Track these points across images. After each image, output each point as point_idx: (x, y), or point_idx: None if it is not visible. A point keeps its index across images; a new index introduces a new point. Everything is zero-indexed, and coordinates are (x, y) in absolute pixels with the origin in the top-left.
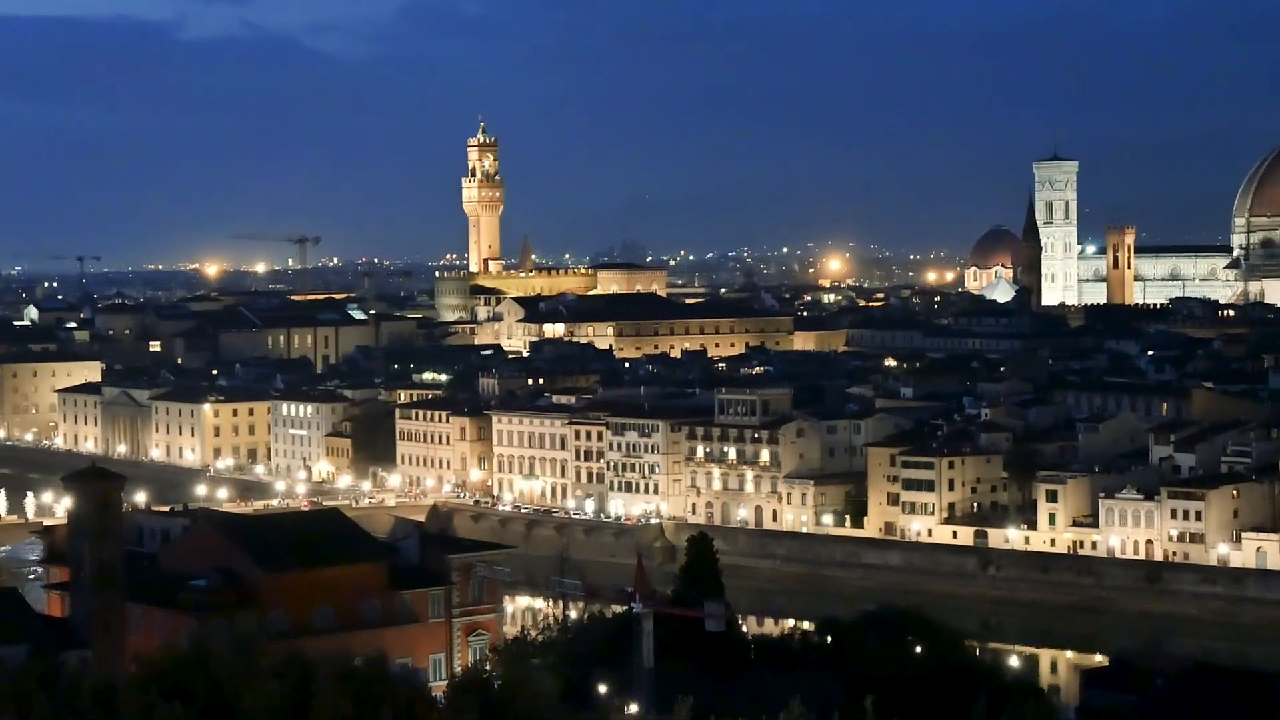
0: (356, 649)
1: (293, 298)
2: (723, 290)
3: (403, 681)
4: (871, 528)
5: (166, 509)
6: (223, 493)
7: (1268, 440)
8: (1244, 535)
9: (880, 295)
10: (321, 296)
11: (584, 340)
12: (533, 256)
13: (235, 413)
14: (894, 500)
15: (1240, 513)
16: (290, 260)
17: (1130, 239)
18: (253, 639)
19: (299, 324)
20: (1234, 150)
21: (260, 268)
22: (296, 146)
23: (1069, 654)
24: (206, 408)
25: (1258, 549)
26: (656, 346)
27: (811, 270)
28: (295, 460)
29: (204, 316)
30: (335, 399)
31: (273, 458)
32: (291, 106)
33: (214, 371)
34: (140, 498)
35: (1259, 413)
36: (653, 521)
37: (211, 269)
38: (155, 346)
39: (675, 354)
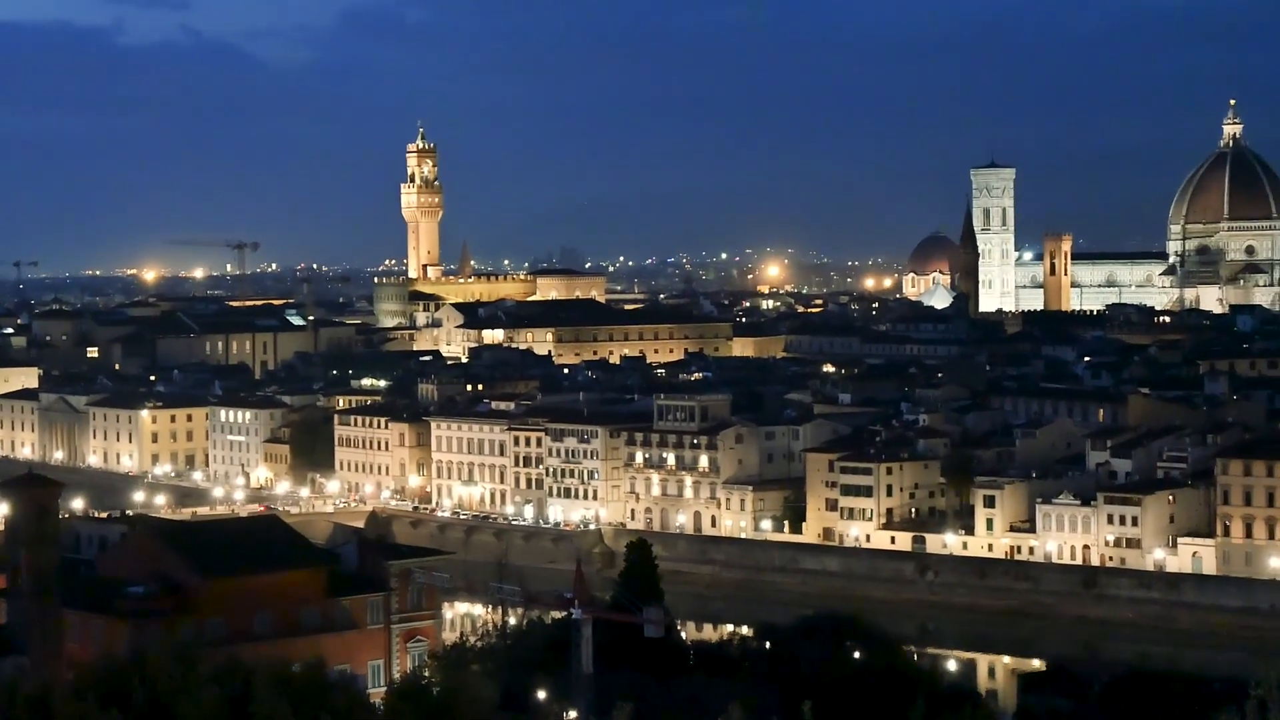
0: (295, 655)
1: (231, 303)
2: (662, 296)
3: (341, 688)
4: (810, 533)
5: (104, 515)
6: (160, 499)
7: (1203, 446)
8: (1180, 540)
9: (819, 301)
10: (260, 302)
11: (523, 346)
12: (472, 262)
13: (173, 419)
14: (832, 506)
15: (1176, 518)
16: (229, 266)
17: (1067, 246)
18: (191, 646)
19: (237, 330)
20: (1170, 158)
21: (198, 273)
22: (235, 152)
23: (1006, 659)
24: (144, 414)
25: (1193, 554)
26: (595, 352)
27: (750, 276)
28: (233, 466)
29: (142, 322)
30: (274, 405)
31: (211, 464)
32: (230, 112)
33: (152, 377)
34: (78, 504)
35: (1195, 418)
36: (591, 527)
37: (149, 275)
38: (93, 352)
39: (614, 360)
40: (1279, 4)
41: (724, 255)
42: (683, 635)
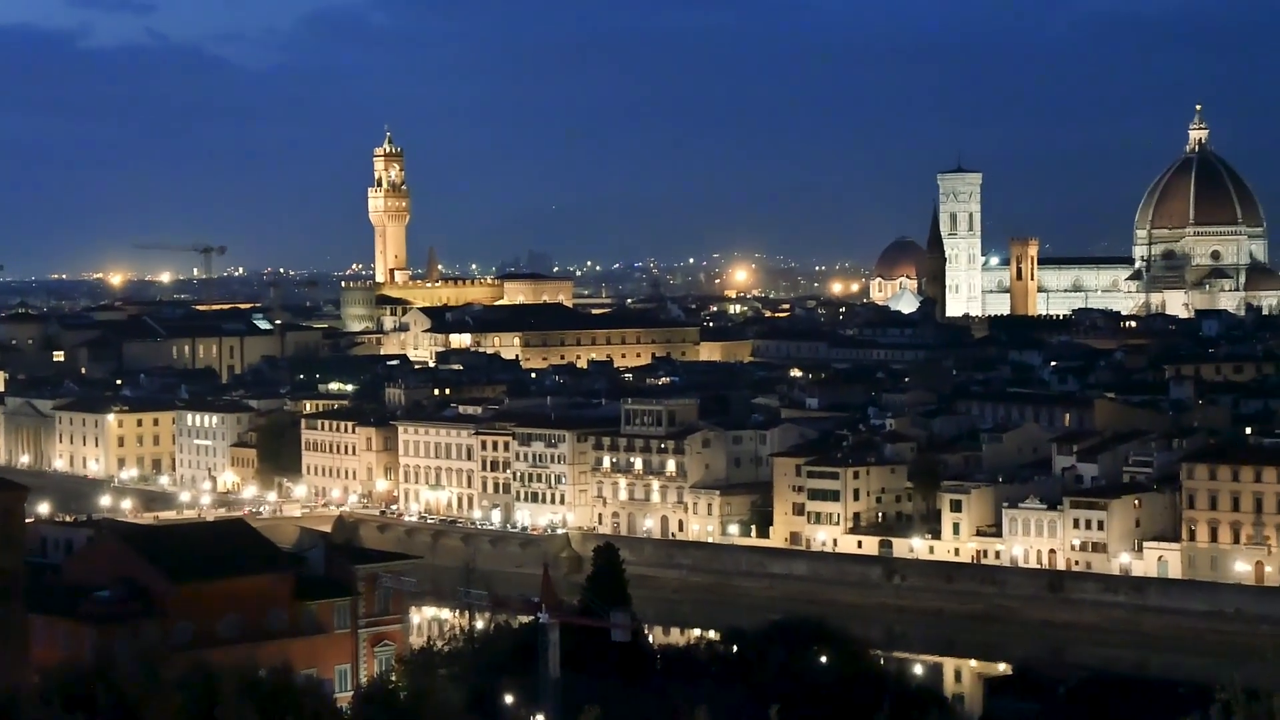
0: (262, 660)
1: (198, 307)
2: (629, 300)
3: (308, 692)
4: (777, 537)
5: (70, 519)
6: (127, 503)
7: (1169, 450)
8: (1145, 545)
9: (786, 306)
10: (227, 306)
11: (490, 350)
12: (439, 267)
13: (140, 423)
14: (799, 510)
15: (1142, 522)
16: (195, 270)
17: (1033, 250)
18: (157, 650)
19: (204, 334)
20: (1136, 163)
21: (165, 277)
22: (201, 156)
23: (973, 663)
24: (111, 418)
25: (1159, 558)
26: (563, 357)
27: (718, 281)
28: (200, 471)
29: (108, 326)
30: (240, 409)
31: (177, 468)
32: (196, 115)
33: (118, 381)
34: (44, 508)
35: (1160, 423)
36: (559, 532)
37: (116, 278)
38: (59, 356)
39: (581, 364)
40: (1245, 10)
41: (691, 260)
42: (650, 639)
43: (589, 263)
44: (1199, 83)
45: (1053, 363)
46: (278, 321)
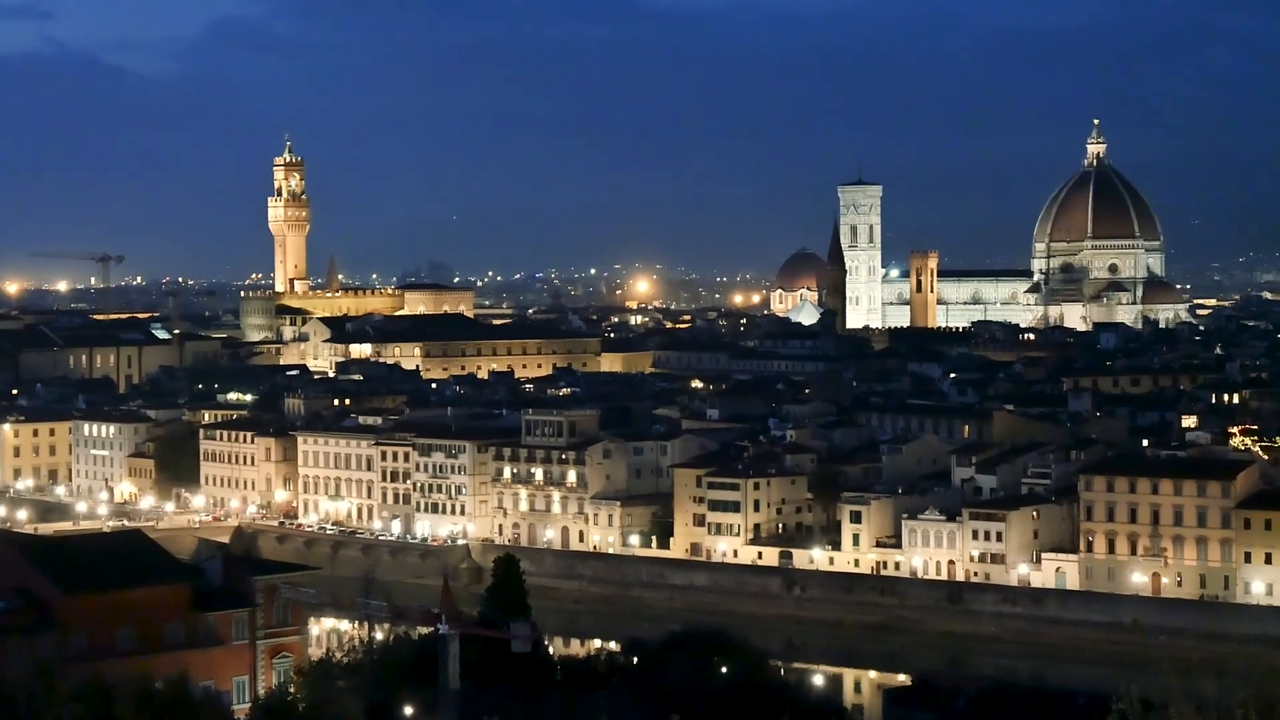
0: (158, 671)
1: (95, 317)
2: (530, 311)
3: (205, 704)
4: (678, 548)
5: None
6: (22, 514)
7: (1067, 462)
8: (1044, 556)
9: (687, 317)
10: (124, 316)
11: (391, 361)
12: (339, 277)
13: (36, 433)
14: (700, 521)
15: (1040, 533)
16: (93, 279)
17: (933, 263)
18: (52, 662)
19: (101, 343)
20: (1035, 176)
21: (62, 286)
22: (99, 164)
23: (872, 674)
24: (6, 428)
25: (1057, 569)
26: (464, 367)
27: (619, 292)
28: (97, 481)
29: (4, 335)
30: (138, 419)
31: (74, 478)
32: (95, 124)
33: (14, 391)
34: None
35: (1058, 435)
36: (459, 542)
37: (12, 287)
38: None
39: (482, 375)
40: (1142, 27)
41: (592, 270)
42: (550, 650)
43: (490, 273)
44: (1097, 97)
45: (952, 375)
46: (176, 331)
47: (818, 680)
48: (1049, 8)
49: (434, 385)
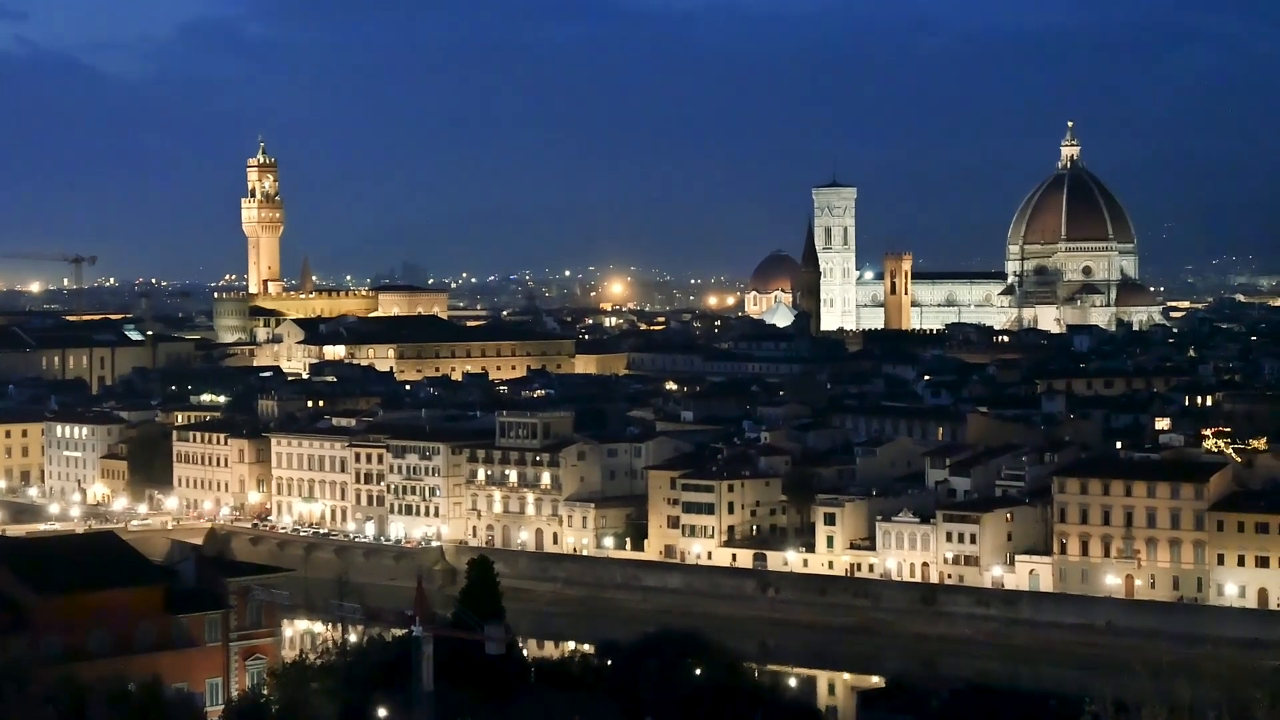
0: (131, 673)
1: (68, 318)
2: (504, 313)
3: (178, 706)
4: (652, 550)
5: None
6: None
7: (1041, 464)
8: (1017, 558)
9: (661, 319)
10: (98, 317)
11: (364, 362)
12: (313, 278)
13: (8, 434)
14: (674, 523)
15: (1014, 536)
16: (66, 280)
17: (907, 265)
18: (25, 663)
19: (74, 344)
20: (1009, 179)
21: (35, 287)
22: (73, 165)
23: (846, 675)
24: None
25: (1030, 571)
26: (438, 369)
27: (593, 294)
28: (70, 483)
29: None
30: (111, 421)
31: (47, 480)
32: (68, 124)
33: None
34: None
35: (1032, 437)
36: (433, 544)
37: None
38: None
39: (456, 376)
40: (1116, 30)
41: (567, 272)
42: (524, 653)
43: (464, 275)
44: (1071, 100)
45: (926, 377)
46: (149, 332)
47: (792, 682)
48: (1023, 10)
49: (408, 387)
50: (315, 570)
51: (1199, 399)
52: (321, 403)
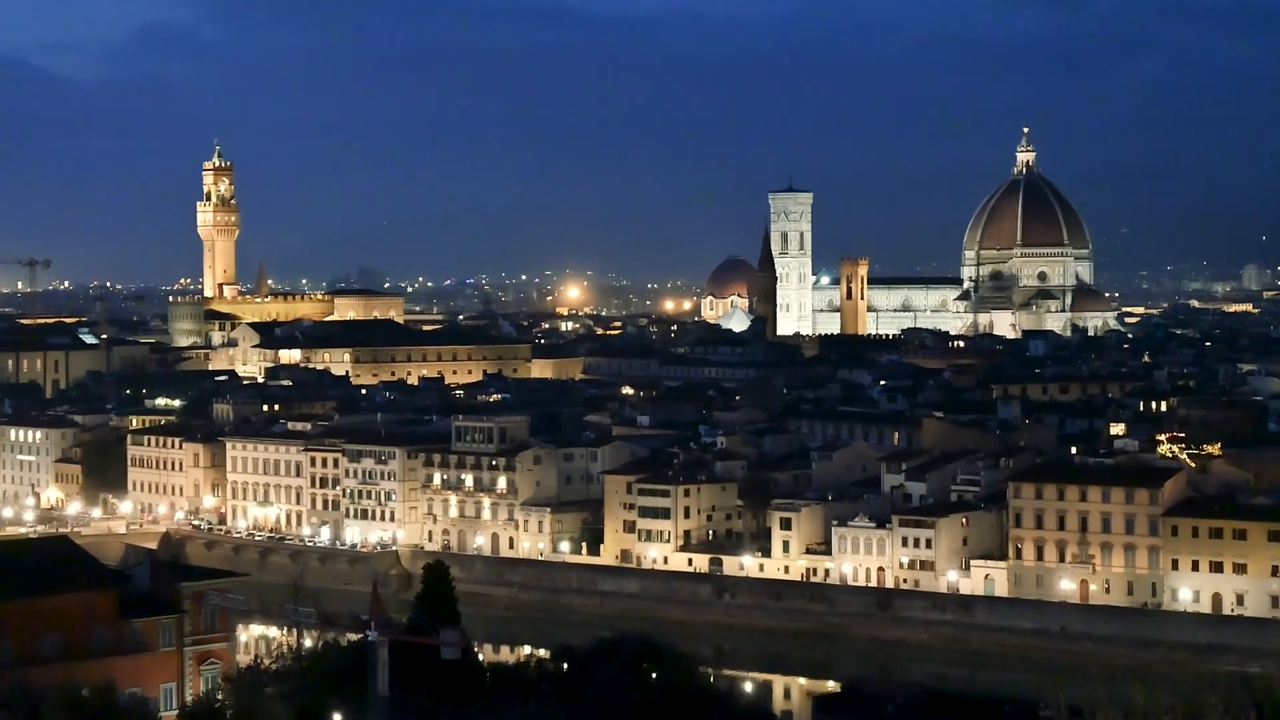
0: (85, 678)
1: (22, 321)
2: (460, 317)
3: (132, 711)
4: (608, 555)
5: None
6: None
7: (996, 470)
8: (973, 563)
9: (617, 324)
10: (52, 320)
11: (320, 366)
12: (269, 282)
13: None
14: (630, 528)
15: (969, 540)
16: (19, 283)
17: (863, 270)
18: None
19: (28, 348)
20: (965, 184)
21: None
22: (26, 167)
23: (802, 680)
24: None
25: (986, 576)
26: (394, 373)
27: (549, 298)
28: (23, 487)
29: None
30: (65, 424)
31: (0, 484)
32: (21, 127)
33: None
34: None
35: (988, 442)
36: (389, 549)
37: None
38: None
39: (412, 381)
40: (1071, 35)
41: (523, 276)
42: (480, 657)
43: (420, 279)
44: (1027, 106)
45: (882, 382)
46: (104, 336)
47: (747, 687)
48: (981, 17)
49: (364, 391)
50: (270, 575)
51: (1154, 404)
52: (277, 407)
